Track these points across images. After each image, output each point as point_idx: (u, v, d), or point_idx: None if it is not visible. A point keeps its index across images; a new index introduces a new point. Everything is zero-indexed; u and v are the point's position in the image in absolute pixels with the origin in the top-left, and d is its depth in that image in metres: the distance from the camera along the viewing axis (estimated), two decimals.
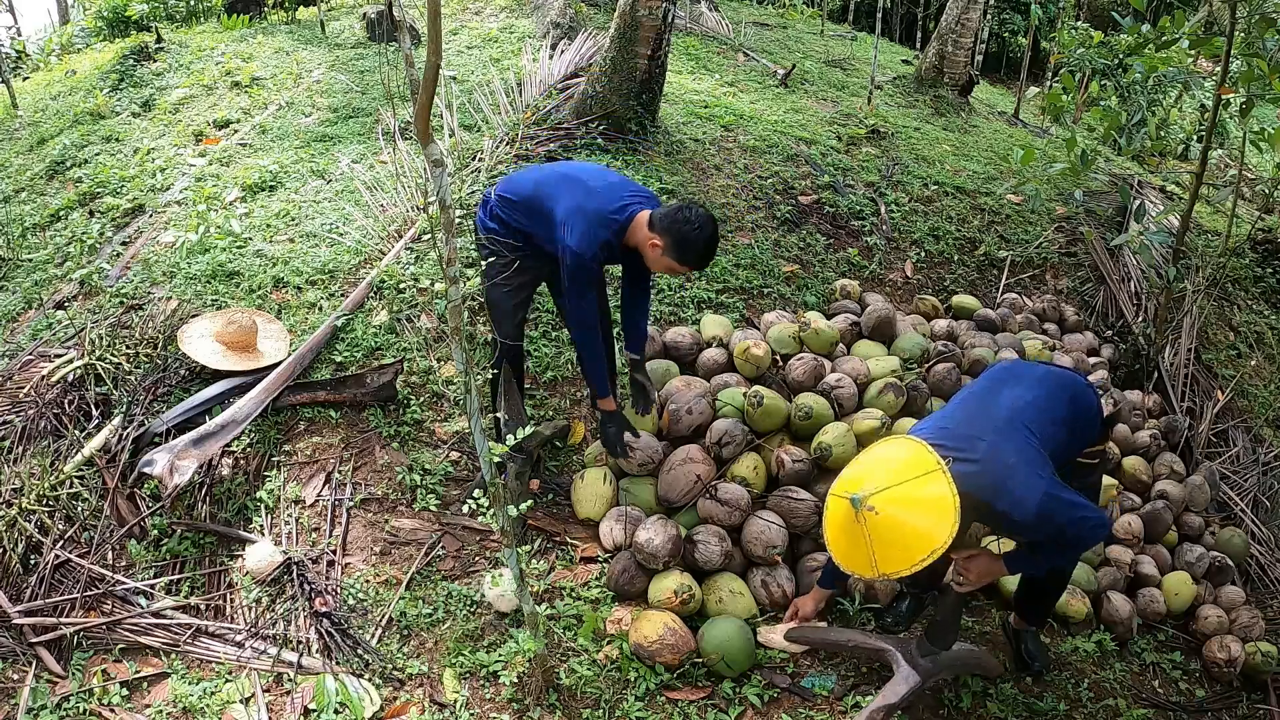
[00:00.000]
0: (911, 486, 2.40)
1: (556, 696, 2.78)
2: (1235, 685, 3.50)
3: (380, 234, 4.49)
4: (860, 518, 2.38)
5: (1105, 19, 11.59)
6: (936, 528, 2.33)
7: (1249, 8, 4.20)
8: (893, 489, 2.40)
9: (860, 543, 2.40)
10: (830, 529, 2.53)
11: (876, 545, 2.38)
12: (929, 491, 2.38)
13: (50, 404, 3.44)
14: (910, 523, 2.37)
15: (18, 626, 2.81)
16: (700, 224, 2.98)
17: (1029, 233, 5.61)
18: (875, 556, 2.38)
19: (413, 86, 1.82)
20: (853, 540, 2.43)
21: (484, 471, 2.30)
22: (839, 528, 2.48)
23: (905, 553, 2.35)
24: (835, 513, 2.51)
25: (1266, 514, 4.34)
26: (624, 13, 5.10)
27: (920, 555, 2.32)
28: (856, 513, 2.38)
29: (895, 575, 2.39)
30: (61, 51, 9.68)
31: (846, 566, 2.50)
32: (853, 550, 2.44)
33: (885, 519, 2.37)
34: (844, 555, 2.49)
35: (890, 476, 2.44)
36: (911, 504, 2.38)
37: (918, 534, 2.35)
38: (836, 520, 2.50)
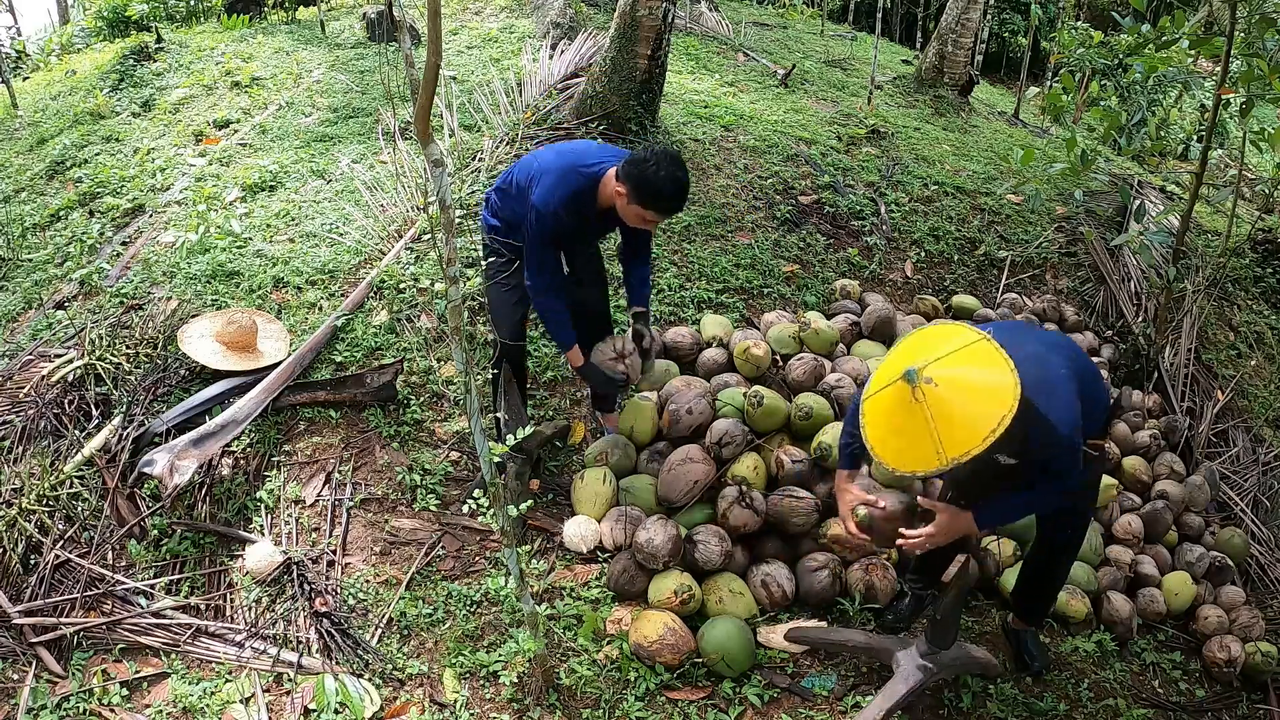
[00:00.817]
0: (963, 354, 2.17)
1: (556, 696, 2.78)
2: (1235, 685, 3.50)
3: (380, 234, 4.49)
4: (918, 393, 2.11)
5: (1105, 19, 11.59)
6: (1001, 390, 2.11)
7: (1249, 8, 4.19)
8: (944, 358, 2.16)
9: (920, 428, 2.13)
10: (877, 429, 2.25)
11: (940, 424, 2.11)
12: (982, 354, 2.17)
13: (50, 404, 3.44)
14: (975, 386, 2.13)
15: (18, 626, 2.81)
16: (658, 162, 2.81)
17: (1029, 233, 5.61)
18: (940, 439, 2.11)
19: (413, 86, 1.82)
20: (910, 430, 2.16)
21: (484, 471, 2.30)
22: (889, 423, 2.22)
23: (973, 426, 2.10)
24: (882, 407, 2.23)
25: (1266, 514, 4.34)
26: (624, 13, 5.10)
27: (990, 425, 2.08)
28: (913, 388, 2.12)
29: (966, 456, 2.10)
30: (61, 51, 9.68)
31: (906, 468, 2.20)
32: (912, 443, 2.17)
33: (946, 390, 2.11)
34: (901, 454, 2.20)
35: (934, 348, 2.21)
36: (970, 367, 2.15)
37: (984, 398, 2.11)
38: (885, 414, 2.23)
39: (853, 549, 3.29)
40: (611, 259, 3.96)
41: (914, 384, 2.13)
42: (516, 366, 3.46)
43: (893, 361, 2.32)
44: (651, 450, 3.59)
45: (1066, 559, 3.00)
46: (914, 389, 2.13)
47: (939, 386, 2.12)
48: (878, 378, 2.31)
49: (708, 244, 4.83)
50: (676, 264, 4.64)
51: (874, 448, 2.27)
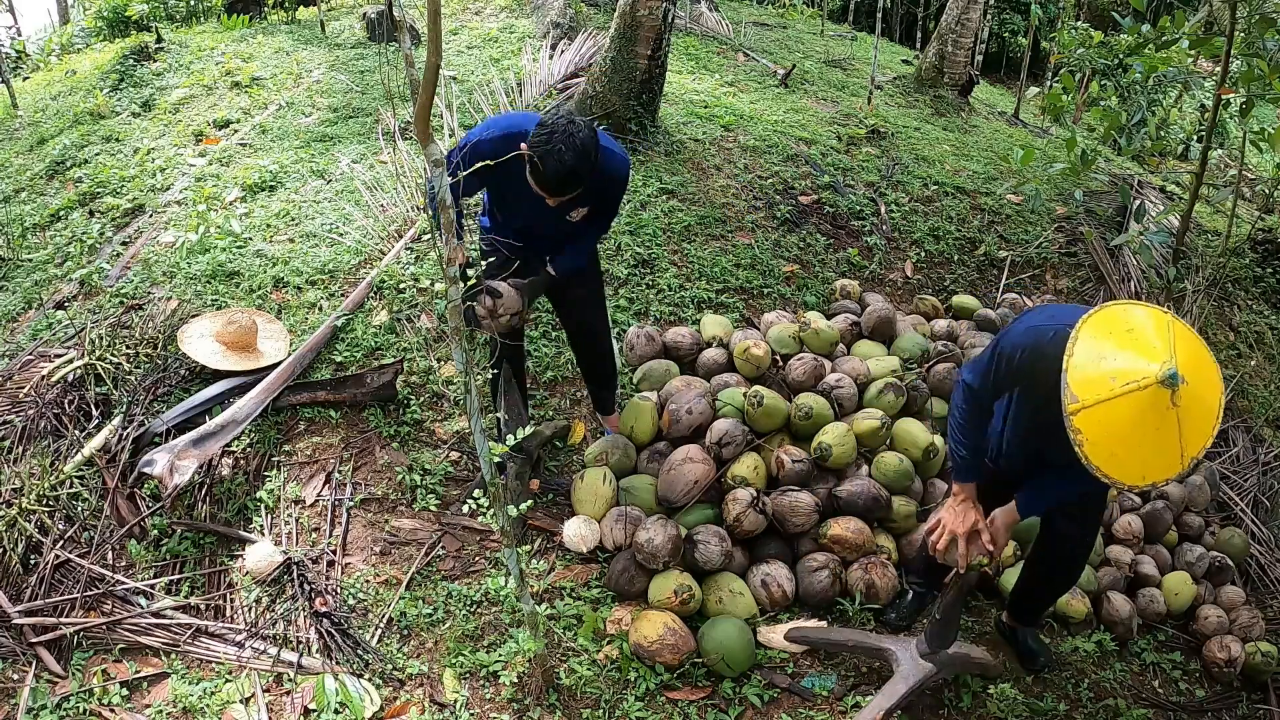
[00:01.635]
0: (1178, 340, 1.97)
1: (556, 696, 2.78)
2: (1235, 685, 3.50)
3: (380, 234, 4.49)
4: (1177, 399, 1.89)
5: (1105, 19, 11.59)
6: (1215, 371, 1.97)
7: (1249, 8, 4.20)
8: (1176, 350, 1.94)
9: (1170, 434, 1.92)
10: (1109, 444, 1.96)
11: (1187, 426, 1.91)
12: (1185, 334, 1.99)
13: (50, 404, 3.43)
14: (1209, 375, 1.96)
15: (18, 626, 2.81)
16: (552, 136, 2.59)
17: (1029, 233, 5.61)
18: (1184, 441, 1.92)
19: (413, 86, 1.82)
20: (1155, 439, 1.93)
21: (484, 471, 2.30)
22: (1132, 435, 1.95)
23: (1207, 416, 1.94)
24: (1119, 417, 1.95)
25: (1266, 514, 4.34)
26: (624, 13, 5.10)
27: (1217, 412, 1.94)
28: (1174, 392, 1.89)
29: (1201, 452, 1.95)
30: (61, 51, 9.68)
31: (1147, 480, 1.97)
32: (1158, 451, 1.94)
33: (1194, 384, 1.91)
34: (1144, 467, 1.96)
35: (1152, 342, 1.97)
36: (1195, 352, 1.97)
37: (1211, 384, 1.95)
38: (1125, 425, 1.95)
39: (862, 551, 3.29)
40: (612, 263, 3.95)
41: (1177, 388, 1.88)
42: (516, 367, 3.46)
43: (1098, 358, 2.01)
44: (651, 450, 3.59)
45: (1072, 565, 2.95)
46: (1174, 394, 1.89)
47: (1189, 384, 1.89)
48: (1088, 384, 1.99)
49: (708, 244, 4.83)
50: (676, 264, 4.64)
51: (1103, 468, 1.98)
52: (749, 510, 3.21)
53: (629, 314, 4.29)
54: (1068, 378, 2.03)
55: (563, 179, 2.65)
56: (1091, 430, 1.98)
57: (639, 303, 4.36)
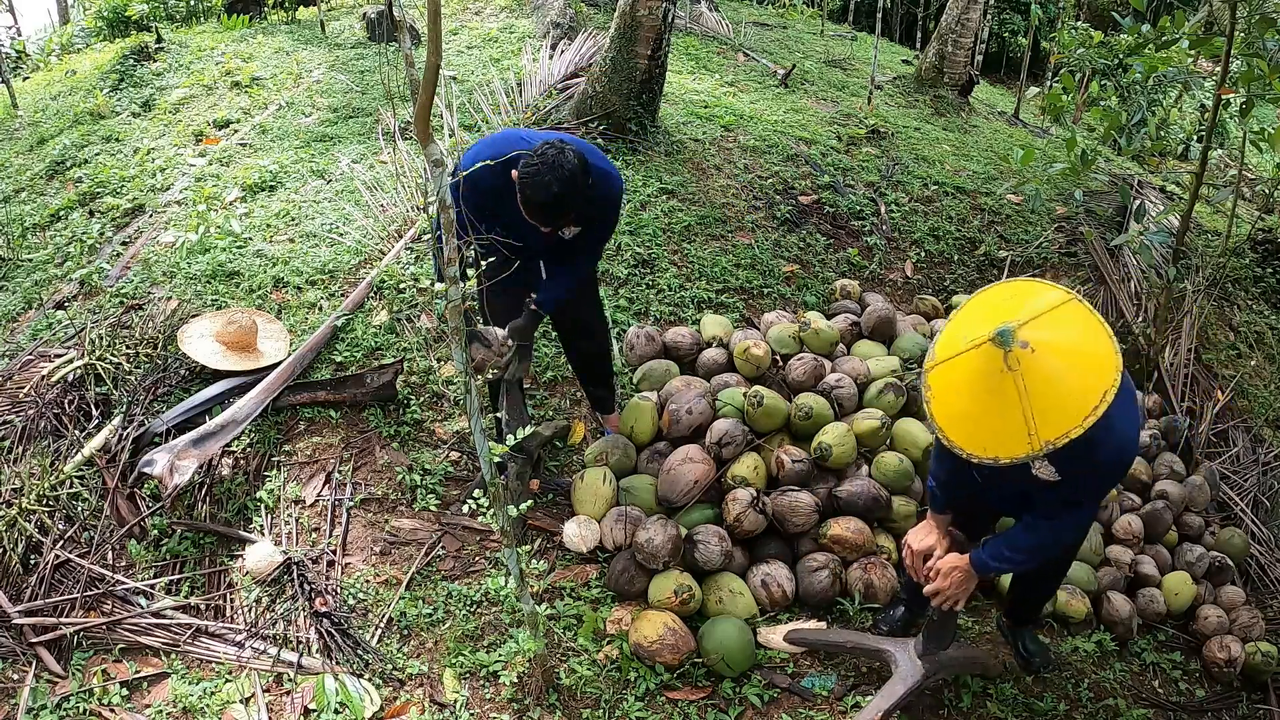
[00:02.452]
0: (1054, 316, 1.83)
1: (556, 696, 2.78)
2: (1235, 685, 3.50)
3: (380, 234, 4.49)
4: (1011, 360, 1.78)
5: (1105, 19, 11.59)
6: (1103, 361, 1.79)
7: (1249, 8, 4.19)
8: (1035, 319, 1.82)
9: (1009, 404, 1.80)
10: (949, 405, 1.91)
11: (1035, 398, 1.78)
12: (1075, 317, 1.84)
13: (50, 404, 3.43)
14: (1074, 354, 1.80)
15: (18, 626, 2.81)
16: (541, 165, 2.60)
17: (1029, 233, 5.61)
18: (1034, 419, 1.78)
19: (413, 86, 1.82)
20: (996, 406, 1.83)
21: (484, 471, 2.30)
22: (968, 397, 1.87)
23: (1073, 402, 1.77)
24: (958, 378, 1.89)
25: (1266, 514, 4.33)
26: (624, 13, 5.10)
27: (1092, 402, 1.76)
28: (1007, 352, 1.78)
29: (1063, 440, 1.79)
30: (61, 51, 9.68)
31: (987, 453, 1.85)
32: (998, 422, 1.83)
33: (1043, 357, 1.78)
34: (981, 435, 1.86)
35: (1018, 308, 1.85)
36: (1063, 332, 1.82)
37: (1085, 369, 1.79)
38: (962, 386, 1.88)
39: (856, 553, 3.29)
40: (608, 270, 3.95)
41: (1008, 347, 1.77)
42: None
43: (966, 322, 1.95)
44: (651, 450, 3.59)
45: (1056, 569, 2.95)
46: (1007, 354, 1.78)
47: (1035, 352, 1.78)
48: (946, 342, 1.94)
49: (708, 244, 4.83)
50: (676, 264, 4.64)
51: (944, 428, 1.92)
52: (749, 510, 3.21)
53: (629, 314, 4.29)
54: (936, 340, 1.98)
55: (550, 208, 2.69)
56: (938, 387, 1.92)
57: (639, 303, 4.36)
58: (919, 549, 2.63)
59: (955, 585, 2.48)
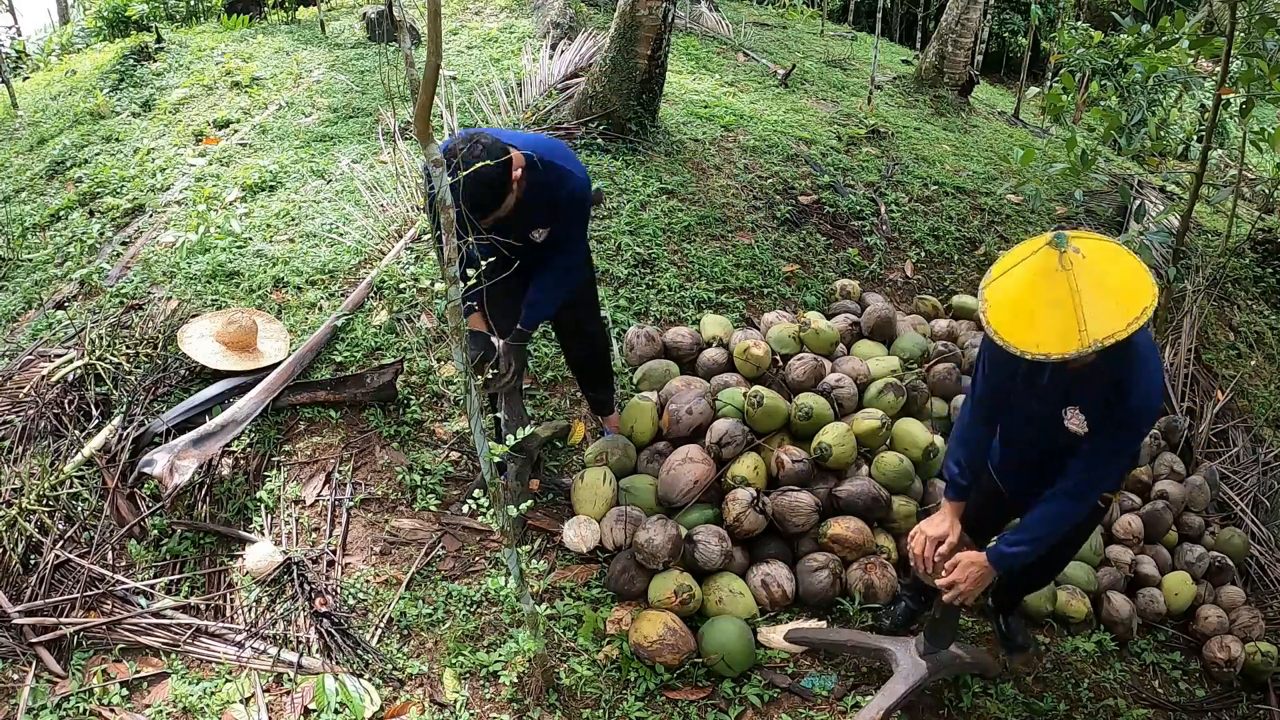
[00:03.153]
0: (1100, 243, 2.04)
1: (556, 696, 2.78)
2: (1235, 685, 3.50)
3: (380, 234, 4.49)
4: (1065, 261, 1.96)
5: (1105, 19, 11.59)
6: (1143, 278, 1.97)
7: (1249, 8, 4.19)
8: (1086, 239, 2.02)
9: (1063, 301, 1.95)
10: (1005, 310, 2.04)
11: (1086, 297, 1.94)
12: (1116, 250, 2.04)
13: (50, 404, 3.43)
14: (1120, 268, 1.99)
15: (18, 626, 2.81)
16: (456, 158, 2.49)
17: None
18: (1085, 315, 1.94)
19: (413, 86, 1.82)
20: (1050, 303, 1.97)
21: (484, 471, 2.30)
22: (1024, 300, 2.01)
23: (1120, 305, 1.94)
24: (1014, 285, 2.05)
25: (1266, 514, 4.34)
26: (624, 13, 5.10)
27: (1138, 308, 1.93)
28: (1061, 253, 1.97)
29: (1110, 339, 1.93)
30: (61, 51, 9.68)
31: (1040, 348, 1.98)
32: (1051, 317, 1.97)
33: (1093, 261, 1.97)
34: (1035, 331, 1.99)
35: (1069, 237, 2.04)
36: (1110, 254, 2.02)
37: (1130, 280, 1.97)
38: (1019, 291, 2.03)
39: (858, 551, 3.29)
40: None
41: (1063, 248, 1.96)
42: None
43: (1019, 251, 2.12)
44: (651, 450, 3.59)
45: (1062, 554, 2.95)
46: (1062, 254, 1.96)
47: (1086, 258, 1.96)
48: (1002, 263, 2.12)
49: (708, 244, 4.83)
50: (676, 264, 4.64)
51: (999, 328, 2.03)
52: (749, 510, 3.21)
53: (629, 314, 4.29)
54: (989, 271, 2.17)
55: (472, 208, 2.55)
56: (994, 298, 2.08)
57: (639, 303, 4.36)
58: (934, 535, 2.62)
59: (971, 580, 2.50)
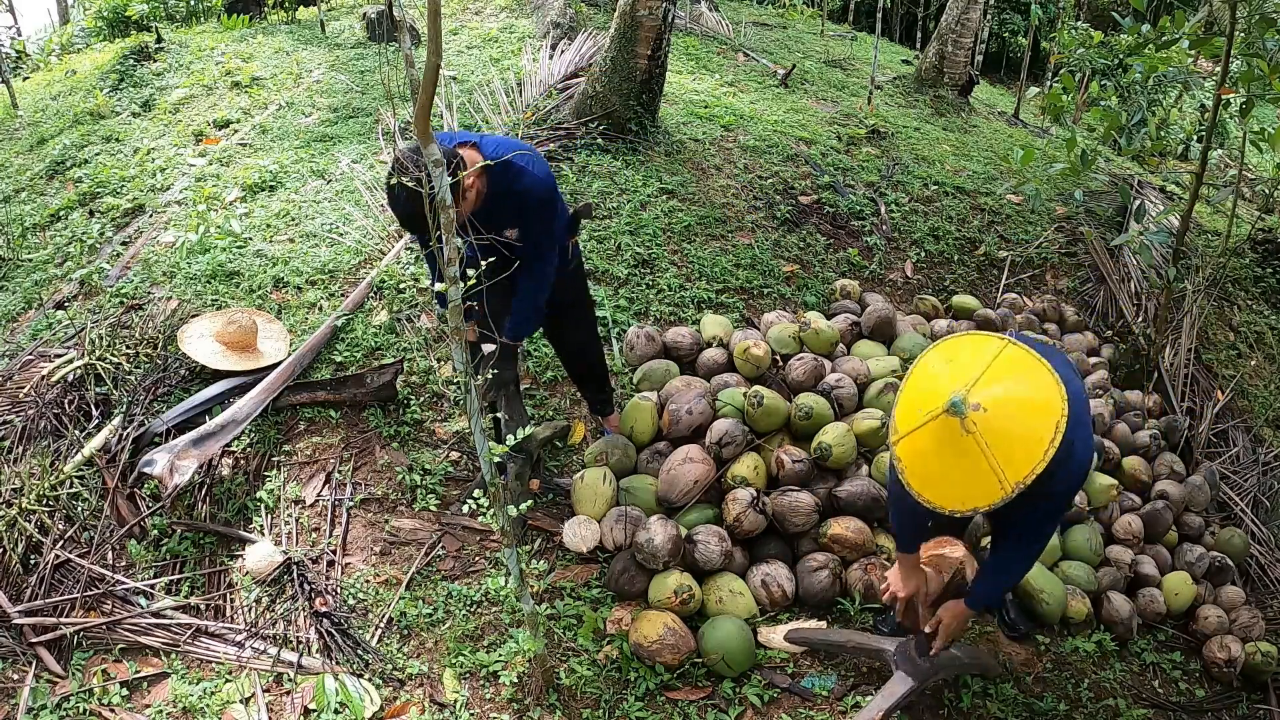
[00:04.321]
0: (997, 368, 2.00)
1: (556, 696, 2.78)
2: (1235, 685, 3.50)
3: (380, 234, 4.49)
4: (968, 424, 1.94)
5: (1105, 19, 11.59)
6: (1049, 399, 1.95)
7: (1249, 8, 4.19)
8: (981, 378, 1.98)
9: (975, 461, 1.95)
10: (922, 473, 2.05)
11: (997, 450, 1.93)
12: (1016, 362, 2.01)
13: (50, 404, 3.43)
14: (1023, 400, 1.96)
15: (18, 626, 2.81)
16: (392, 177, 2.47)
17: (1029, 233, 5.61)
18: (999, 467, 1.94)
19: (413, 86, 1.82)
20: (964, 465, 1.97)
21: (484, 471, 2.30)
22: (936, 463, 2.02)
23: (1032, 442, 1.93)
24: (923, 447, 2.03)
25: (1266, 514, 4.34)
26: (624, 13, 5.10)
27: (1047, 438, 1.92)
28: (962, 419, 1.94)
29: (1031, 477, 1.94)
30: (61, 51, 9.68)
31: (966, 506, 2.00)
32: (968, 478, 1.98)
33: (996, 413, 1.94)
34: (956, 492, 2.01)
35: (964, 368, 2.02)
36: (1007, 381, 1.98)
37: (1036, 411, 1.95)
38: (929, 454, 2.03)
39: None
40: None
41: (963, 415, 1.94)
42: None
43: (916, 389, 2.12)
44: (651, 450, 3.59)
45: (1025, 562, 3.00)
46: (963, 420, 1.94)
47: (988, 411, 1.94)
48: (904, 415, 2.09)
49: (708, 244, 4.83)
50: (676, 264, 4.64)
51: (921, 492, 2.06)
52: (749, 510, 3.21)
53: (629, 314, 4.29)
54: (894, 410, 2.15)
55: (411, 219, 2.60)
56: (907, 458, 2.08)
57: (639, 303, 4.36)
58: (906, 594, 2.79)
59: (960, 627, 2.71)
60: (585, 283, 3.48)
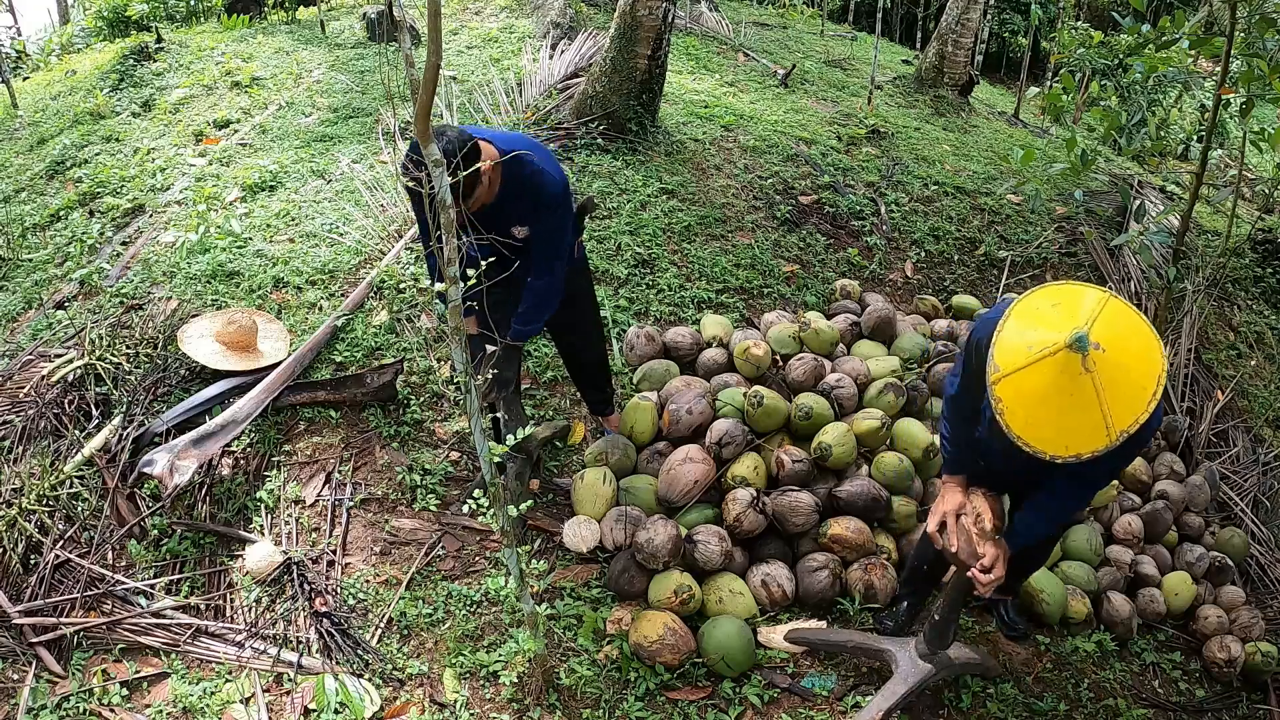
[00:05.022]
0: (1107, 314, 1.95)
1: (556, 696, 2.78)
2: (1235, 685, 3.50)
3: (380, 234, 4.49)
4: (1089, 363, 1.89)
5: (1105, 19, 11.59)
6: (1152, 348, 1.94)
7: (1249, 8, 4.19)
8: (1097, 319, 1.93)
9: (1088, 403, 1.91)
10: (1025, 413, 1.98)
11: (1109, 393, 1.89)
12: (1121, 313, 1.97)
13: (50, 404, 3.43)
14: (1132, 348, 1.93)
15: (18, 626, 2.81)
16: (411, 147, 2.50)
17: (1029, 233, 5.61)
18: (1109, 411, 1.90)
19: (413, 86, 1.82)
20: (1075, 406, 1.92)
21: (484, 471, 2.30)
22: (1046, 403, 1.95)
23: (1137, 390, 1.90)
24: (1033, 385, 1.96)
25: (1266, 514, 4.34)
26: (624, 13, 5.10)
27: (1151, 387, 1.90)
28: (1084, 356, 1.88)
29: (1135, 426, 1.91)
30: (61, 51, 9.69)
31: (1070, 451, 1.95)
32: (1078, 420, 1.93)
33: (1113, 355, 1.90)
34: (1062, 436, 1.95)
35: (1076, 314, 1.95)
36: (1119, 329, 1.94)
37: (1142, 359, 1.92)
38: (1040, 393, 1.96)
39: (856, 549, 3.29)
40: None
41: (1086, 351, 1.87)
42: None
43: (1020, 331, 2.02)
44: (651, 450, 3.59)
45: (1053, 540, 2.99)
46: (1085, 358, 1.88)
47: (1106, 351, 1.89)
48: (1009, 354, 2.00)
49: (708, 244, 4.83)
50: (676, 264, 4.64)
51: (1023, 434, 1.98)
52: (749, 510, 3.21)
53: (629, 314, 4.29)
54: (993, 350, 2.05)
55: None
56: (1010, 398, 1.99)
57: (639, 303, 4.36)
58: (953, 509, 2.60)
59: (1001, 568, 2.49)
60: (590, 282, 3.48)
